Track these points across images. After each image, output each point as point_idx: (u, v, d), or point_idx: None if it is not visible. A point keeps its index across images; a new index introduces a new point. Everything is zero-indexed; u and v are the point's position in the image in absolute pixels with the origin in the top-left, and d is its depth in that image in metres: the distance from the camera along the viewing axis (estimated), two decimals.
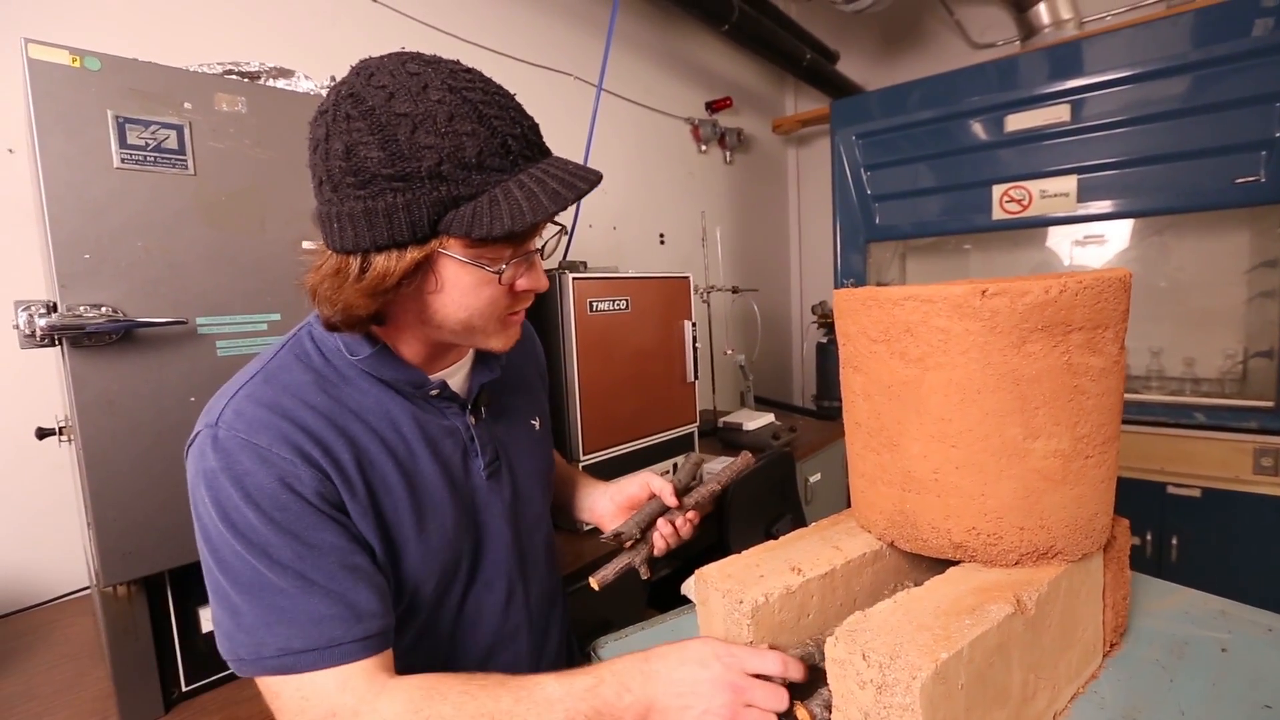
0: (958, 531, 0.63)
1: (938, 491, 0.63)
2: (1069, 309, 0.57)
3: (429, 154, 0.51)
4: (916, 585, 0.60)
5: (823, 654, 0.56)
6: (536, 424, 0.83)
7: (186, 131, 0.83)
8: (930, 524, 0.64)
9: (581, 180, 0.56)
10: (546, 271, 1.53)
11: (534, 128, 0.58)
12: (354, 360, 0.63)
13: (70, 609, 1.20)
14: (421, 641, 0.68)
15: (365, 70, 0.54)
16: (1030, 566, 0.61)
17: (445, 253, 0.56)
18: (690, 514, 0.81)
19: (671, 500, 0.81)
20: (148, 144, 0.80)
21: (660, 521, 0.80)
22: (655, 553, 0.80)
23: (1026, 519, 0.60)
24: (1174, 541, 2.01)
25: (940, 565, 0.76)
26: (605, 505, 0.87)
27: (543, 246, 0.64)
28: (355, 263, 0.55)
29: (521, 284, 0.62)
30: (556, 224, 0.63)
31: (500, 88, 0.57)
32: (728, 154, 3.09)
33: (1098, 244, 2.42)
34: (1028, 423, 0.58)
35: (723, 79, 3.05)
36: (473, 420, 0.71)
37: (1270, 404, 1.94)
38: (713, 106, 2.94)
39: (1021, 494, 0.60)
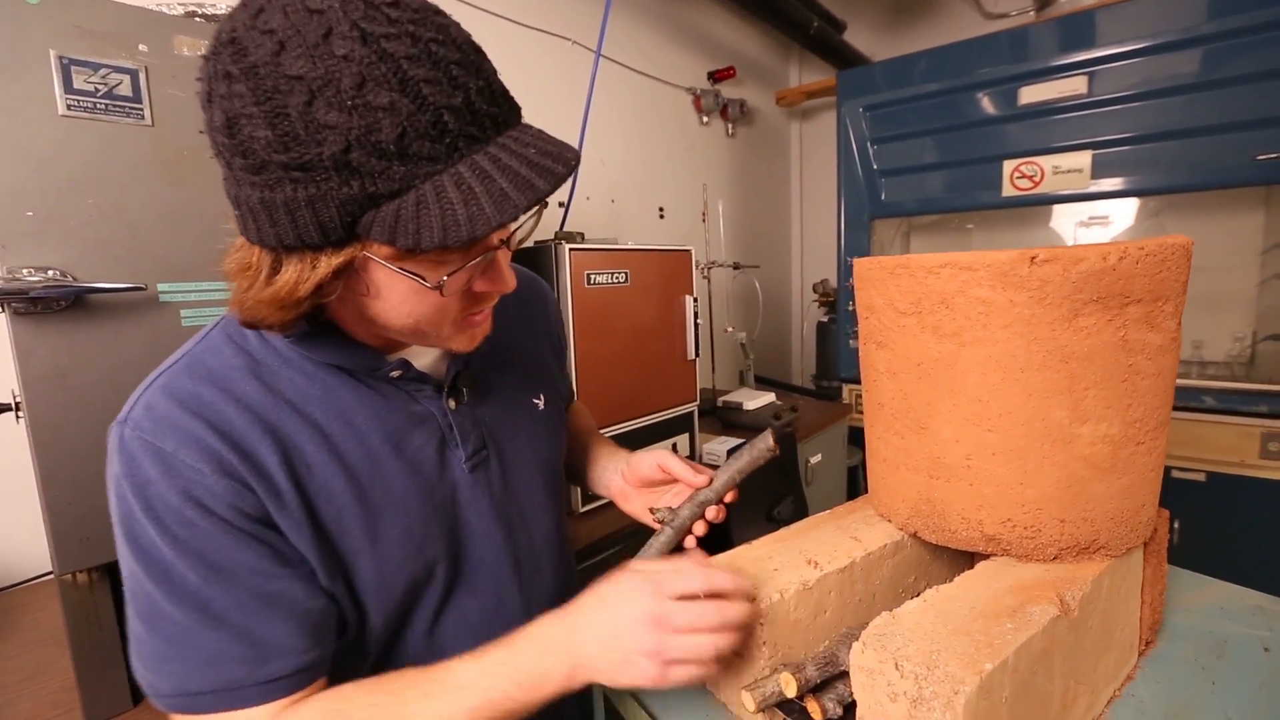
0: (991, 523, 0.57)
1: (970, 479, 0.57)
2: (1128, 279, 0.51)
3: (332, 137, 0.38)
4: (937, 580, 0.55)
5: (846, 654, 0.51)
6: (540, 402, 0.71)
7: (142, 77, 0.75)
8: (960, 514, 0.59)
9: (546, 172, 0.43)
10: (539, 243, 1.44)
11: (488, 89, 0.43)
12: (288, 341, 0.53)
13: (39, 593, 1.14)
14: (391, 660, 0.59)
15: (254, 3, 0.40)
16: (1070, 562, 0.56)
17: (371, 257, 0.44)
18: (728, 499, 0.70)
19: (702, 481, 0.69)
20: (97, 89, 0.72)
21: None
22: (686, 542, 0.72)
23: (1069, 510, 0.55)
24: (1177, 525, 1.98)
25: (963, 558, 0.71)
26: (616, 482, 0.80)
27: (511, 235, 0.52)
28: (265, 261, 0.44)
29: (479, 285, 0.51)
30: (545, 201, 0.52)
31: (442, 29, 0.42)
32: (730, 126, 2.99)
33: (1102, 225, 2.35)
34: (1076, 405, 0.53)
35: (726, 47, 2.94)
36: (451, 404, 0.60)
37: None
38: (715, 76, 2.83)
39: (1065, 483, 0.54)
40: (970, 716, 0.40)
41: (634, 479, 0.77)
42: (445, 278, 0.47)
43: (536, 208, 0.51)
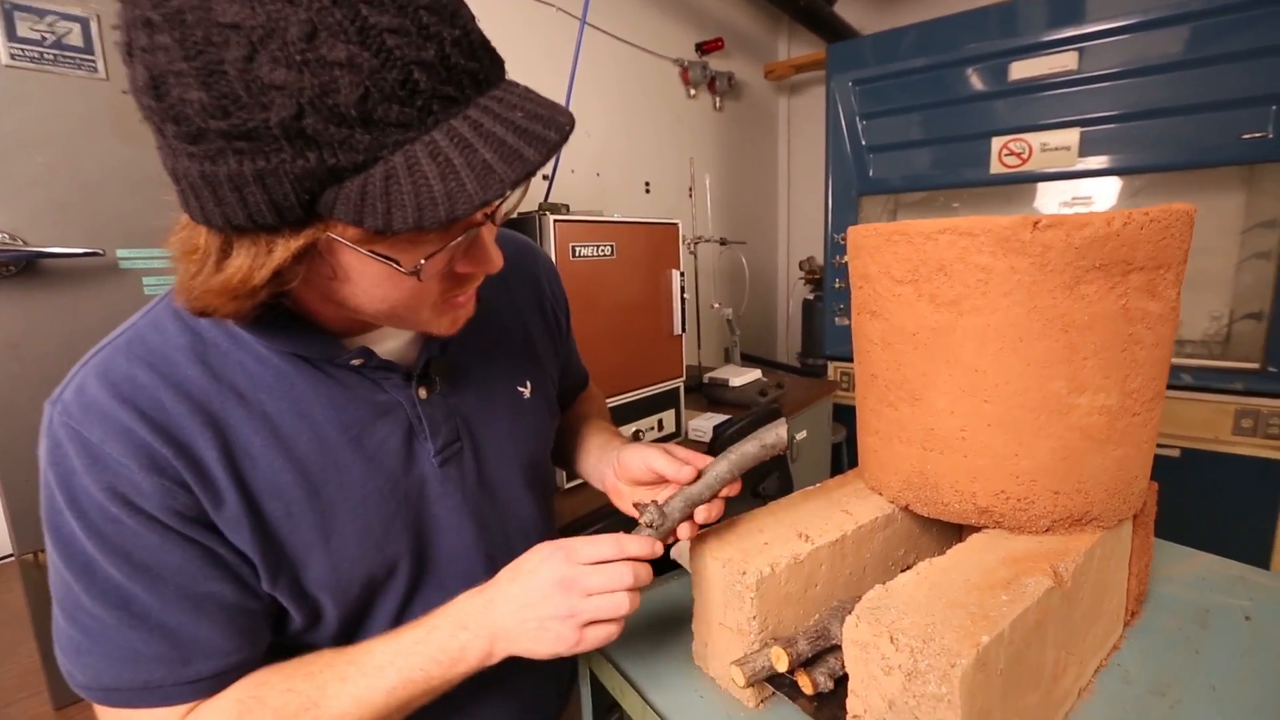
0: (984, 495, 0.56)
1: (964, 451, 0.56)
2: (1131, 245, 0.49)
3: (280, 99, 0.33)
4: (927, 553, 0.54)
5: (839, 627, 0.50)
6: (526, 390, 0.66)
7: (94, 25, 0.70)
8: (953, 487, 0.58)
9: (536, 140, 0.37)
10: (523, 214, 1.39)
11: (466, 41, 0.37)
12: (239, 323, 0.47)
13: (4, 574, 1.10)
14: None
15: None
16: (1062, 534, 0.56)
17: (336, 239, 0.39)
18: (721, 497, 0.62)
19: (689, 476, 0.61)
20: (44, 38, 0.67)
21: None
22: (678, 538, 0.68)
23: (1063, 482, 0.54)
24: None
25: (952, 531, 0.70)
26: (609, 478, 0.72)
27: (497, 208, 0.46)
28: (214, 244, 0.39)
29: (461, 266, 0.46)
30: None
31: None
32: (717, 100, 2.94)
33: (1085, 205, 2.35)
34: (1074, 375, 0.52)
35: (714, 18, 2.87)
36: (422, 393, 0.56)
37: (1256, 365, 1.93)
38: (703, 48, 2.77)
39: (1060, 454, 0.53)
40: (966, 689, 0.39)
41: (624, 477, 0.70)
42: (422, 261, 0.41)
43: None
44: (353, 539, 0.52)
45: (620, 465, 0.68)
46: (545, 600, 0.49)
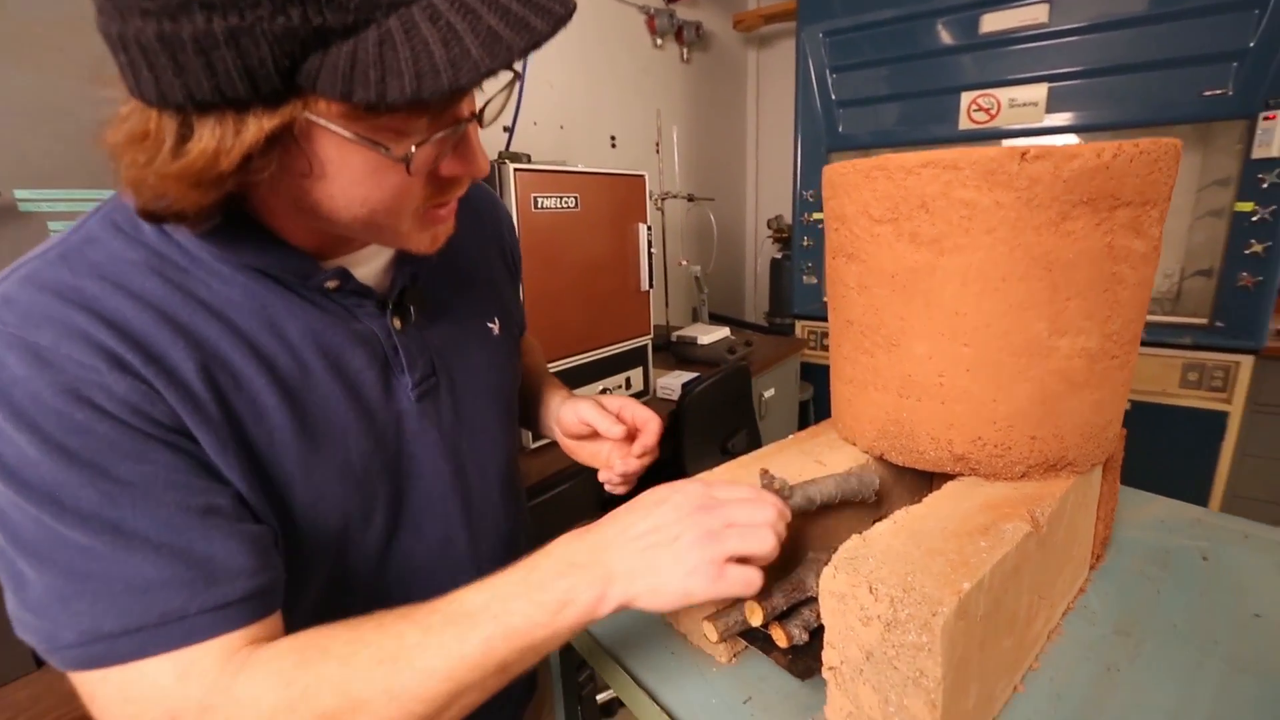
0: (960, 442, 0.55)
1: (941, 397, 0.54)
2: (1120, 179, 0.47)
3: None
4: (899, 503, 0.52)
5: (815, 579, 0.48)
6: (495, 327, 0.63)
7: None
8: (930, 434, 0.56)
9: (542, 11, 0.34)
10: None
11: None
12: (197, 238, 0.42)
13: None
14: (327, 612, 0.48)
15: None
16: (1037, 480, 0.55)
17: (316, 120, 0.35)
18: (637, 451, 0.66)
19: (619, 433, 0.65)
20: None
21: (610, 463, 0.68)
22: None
23: (1040, 427, 0.53)
24: None
25: (923, 480, 0.70)
26: (555, 431, 0.74)
27: (483, 108, 0.42)
28: (170, 125, 0.33)
29: (448, 168, 0.42)
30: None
31: None
32: (685, 51, 2.83)
33: None
34: (1056, 316, 0.50)
35: None
36: (397, 324, 0.52)
37: (1204, 321, 2.00)
38: None
39: (1038, 399, 0.52)
40: (948, 637, 0.38)
41: (563, 431, 0.71)
42: (413, 149, 0.37)
43: (513, 76, 0.42)
44: (334, 476, 0.47)
45: (560, 421, 0.71)
46: (681, 524, 0.43)
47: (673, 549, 0.42)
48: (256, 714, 0.37)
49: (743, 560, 0.43)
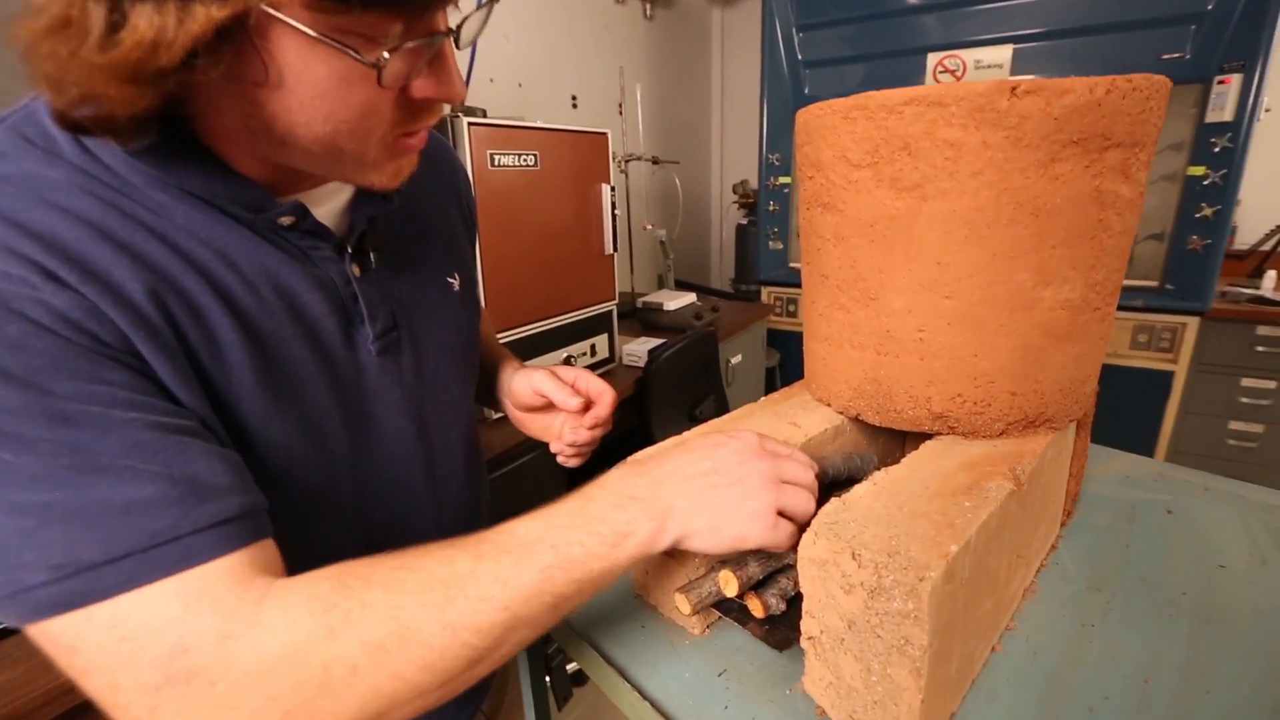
0: (939, 400, 0.53)
1: (921, 353, 0.52)
2: (1111, 117, 0.44)
3: None
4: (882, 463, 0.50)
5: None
6: (455, 282, 0.58)
7: None
8: (908, 392, 0.54)
9: None
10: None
11: None
12: (126, 154, 0.36)
13: None
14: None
15: None
16: (1016, 437, 0.53)
17: (277, 16, 0.30)
18: (589, 423, 0.64)
19: (576, 405, 0.63)
20: None
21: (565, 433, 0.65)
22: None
23: (1021, 383, 0.51)
24: None
25: (896, 441, 0.68)
26: (505, 404, 0.70)
27: (460, 25, 0.38)
28: (96, 13, 0.28)
29: (420, 88, 0.37)
30: None
31: None
32: (648, 8, 2.73)
33: None
34: (1041, 265, 0.47)
35: None
36: (356, 271, 0.46)
37: (1155, 284, 2.05)
38: None
39: (1020, 353, 0.50)
40: (935, 602, 0.35)
41: (516, 403, 0.67)
42: (386, 55, 0.33)
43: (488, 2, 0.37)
44: (292, 431, 0.42)
45: (512, 392, 0.67)
46: (744, 467, 0.42)
47: (734, 491, 0.42)
48: (290, 641, 0.32)
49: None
